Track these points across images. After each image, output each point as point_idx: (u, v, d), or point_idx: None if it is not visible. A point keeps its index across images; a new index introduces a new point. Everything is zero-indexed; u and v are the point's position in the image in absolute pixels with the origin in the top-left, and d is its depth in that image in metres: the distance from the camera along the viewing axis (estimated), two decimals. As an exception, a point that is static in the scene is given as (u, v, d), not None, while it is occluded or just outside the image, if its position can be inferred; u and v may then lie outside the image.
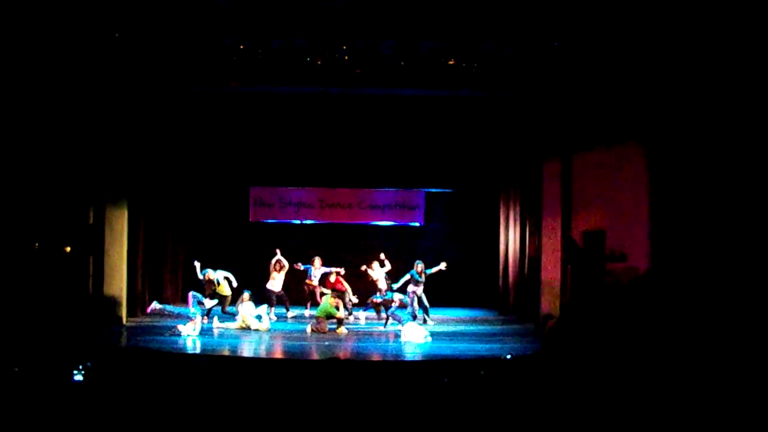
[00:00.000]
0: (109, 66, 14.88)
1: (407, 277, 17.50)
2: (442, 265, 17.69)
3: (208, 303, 16.30)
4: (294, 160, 20.30)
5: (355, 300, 17.91)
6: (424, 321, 17.42)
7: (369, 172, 20.65)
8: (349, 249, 20.65)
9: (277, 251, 17.91)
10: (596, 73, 13.85)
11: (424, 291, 17.67)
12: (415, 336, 15.02)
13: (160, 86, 16.63)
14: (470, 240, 21.49)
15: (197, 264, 17.02)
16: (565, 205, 15.45)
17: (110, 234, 16.17)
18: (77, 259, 14.39)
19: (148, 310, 15.91)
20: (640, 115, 12.48)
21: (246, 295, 16.44)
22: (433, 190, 21.09)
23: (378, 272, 17.96)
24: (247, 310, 16.29)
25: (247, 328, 16.14)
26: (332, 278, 17.96)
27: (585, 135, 14.74)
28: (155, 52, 14.81)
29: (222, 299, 16.95)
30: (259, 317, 16.43)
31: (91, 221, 15.35)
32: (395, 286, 17.25)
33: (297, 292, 18.81)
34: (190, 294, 15.76)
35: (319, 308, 16.36)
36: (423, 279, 17.51)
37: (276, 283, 17.73)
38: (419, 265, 17.59)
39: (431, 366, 12.63)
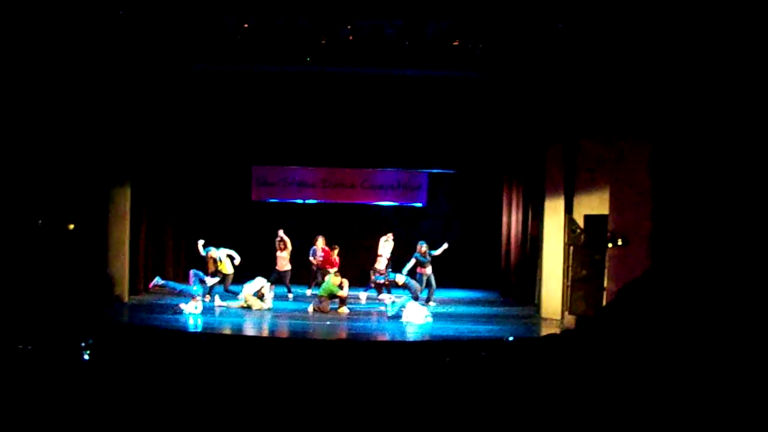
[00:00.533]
0: (111, 45, 14.88)
1: (413, 260, 17.56)
2: (445, 245, 17.76)
3: (210, 281, 16.36)
4: (297, 140, 20.24)
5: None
6: (427, 301, 17.49)
7: (372, 152, 20.58)
8: (351, 228, 20.69)
9: (280, 231, 17.95)
10: (604, 60, 13.83)
11: (433, 271, 17.76)
12: (416, 316, 15.10)
13: (164, 65, 16.65)
14: (472, 221, 21.54)
15: (200, 242, 17.07)
16: (567, 188, 15.47)
17: (113, 212, 16.23)
18: (80, 237, 14.41)
19: (151, 285, 15.98)
20: (645, 104, 12.49)
21: (263, 282, 16.53)
22: (436, 171, 21.05)
23: (385, 247, 17.99)
24: (250, 288, 16.37)
25: (249, 307, 16.22)
26: (334, 256, 18.09)
27: (590, 121, 14.74)
28: (159, 31, 14.80)
29: (224, 277, 17.02)
30: (260, 296, 16.50)
31: (95, 200, 15.38)
32: (404, 270, 17.32)
33: (301, 272, 18.84)
34: (192, 272, 15.83)
35: (322, 287, 16.42)
36: (429, 259, 17.59)
37: (282, 262, 17.78)
38: (422, 246, 17.65)
39: (432, 346, 12.72)
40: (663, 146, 12.01)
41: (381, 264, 18.05)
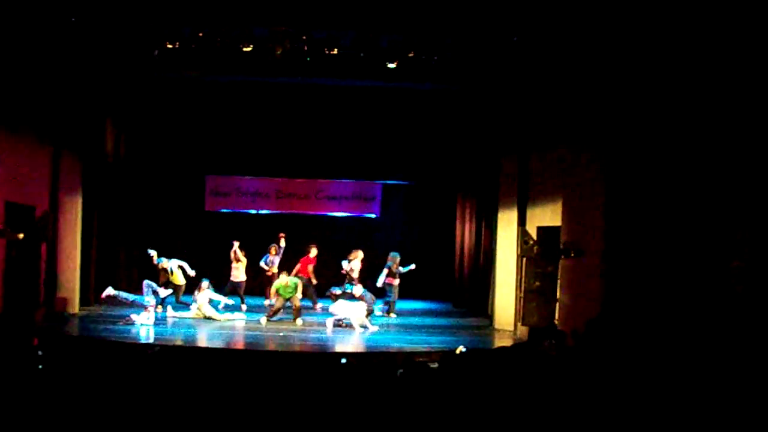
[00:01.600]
0: (68, 48, 14.75)
1: (385, 271, 17.61)
2: (413, 266, 17.89)
3: (163, 292, 16.20)
4: (251, 150, 20.26)
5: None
6: (388, 312, 17.56)
7: (326, 163, 20.66)
8: (305, 239, 20.61)
9: (235, 244, 17.79)
10: (555, 73, 13.97)
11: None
12: (354, 311, 15.22)
13: (120, 72, 16.54)
14: (426, 233, 21.61)
15: (153, 252, 16.92)
16: (521, 200, 15.58)
17: (63, 222, 16.02)
18: (29, 247, 14.21)
19: (103, 295, 15.75)
20: (594, 117, 12.63)
21: (204, 283, 16.43)
22: (391, 182, 21.17)
23: (356, 264, 17.92)
24: (203, 298, 16.27)
25: (203, 318, 16.13)
26: (306, 265, 18.03)
27: (542, 134, 14.86)
28: (114, 38, 14.72)
29: (176, 288, 16.90)
30: (216, 305, 16.42)
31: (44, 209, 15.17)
32: (378, 283, 17.50)
33: (260, 283, 18.78)
34: (145, 282, 15.68)
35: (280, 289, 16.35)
36: (399, 271, 17.63)
37: (236, 273, 17.64)
38: (397, 258, 17.71)
39: (384, 358, 12.70)
40: (613, 158, 12.13)
41: (355, 275, 18.00)
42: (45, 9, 13.44)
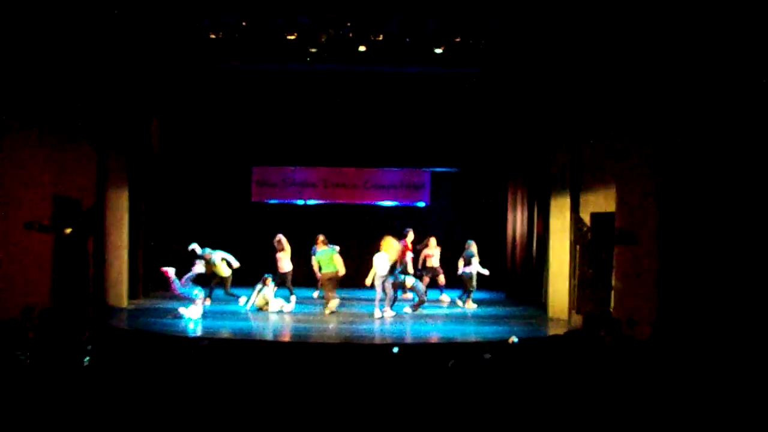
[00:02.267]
0: (110, 44, 14.93)
1: (467, 259, 17.73)
2: (486, 272, 17.94)
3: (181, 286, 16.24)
4: (297, 139, 20.27)
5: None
6: (465, 303, 17.76)
7: (374, 151, 20.58)
8: (353, 229, 20.69)
9: (279, 235, 17.80)
10: (609, 58, 13.83)
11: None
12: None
13: (162, 65, 16.71)
14: (477, 221, 21.46)
15: (194, 245, 16.98)
16: (573, 186, 15.48)
17: (111, 216, 16.25)
18: (77, 242, 14.45)
19: (163, 269, 15.67)
20: (647, 103, 12.53)
21: (268, 279, 16.66)
22: (440, 169, 21.08)
23: (434, 249, 18.06)
24: (269, 292, 16.64)
25: (264, 309, 16.55)
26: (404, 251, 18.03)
27: (596, 119, 14.75)
28: (157, 29, 14.84)
29: (223, 280, 17.01)
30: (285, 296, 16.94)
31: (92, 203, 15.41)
32: (468, 270, 17.60)
33: (307, 274, 18.88)
34: (187, 276, 15.69)
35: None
36: (470, 255, 17.75)
37: (281, 264, 17.64)
38: (473, 245, 17.77)
39: (436, 349, 12.71)
40: (666, 144, 12.02)
41: (435, 262, 18.18)
42: (87, 6, 13.58)
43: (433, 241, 18.43)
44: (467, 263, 17.63)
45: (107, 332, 12.15)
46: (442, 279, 18.43)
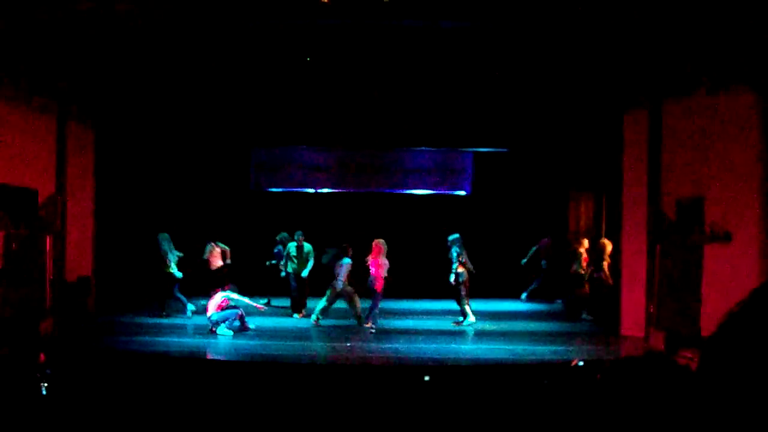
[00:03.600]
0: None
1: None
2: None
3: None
4: (307, 114, 20.18)
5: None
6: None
7: (402, 127, 20.44)
8: (375, 225, 20.63)
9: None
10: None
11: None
12: None
13: (138, 13, 16.65)
14: (529, 213, 21.50)
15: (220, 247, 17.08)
16: (652, 168, 15.29)
17: (75, 208, 16.14)
18: (33, 241, 14.42)
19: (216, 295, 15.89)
20: (754, 52, 12.28)
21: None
22: (484, 150, 20.98)
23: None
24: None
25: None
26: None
27: (679, 77, 14.54)
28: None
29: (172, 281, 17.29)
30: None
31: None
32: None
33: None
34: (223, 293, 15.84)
35: None
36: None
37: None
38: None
39: (482, 372, 12.66)
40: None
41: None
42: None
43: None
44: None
45: (70, 353, 12.15)
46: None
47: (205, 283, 17.37)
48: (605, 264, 17.20)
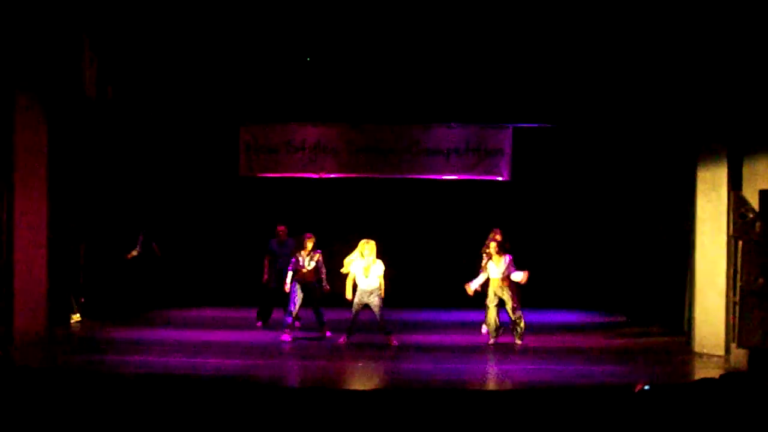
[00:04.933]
0: None
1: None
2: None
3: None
4: (308, 83, 20.19)
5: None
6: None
7: (425, 99, 20.43)
8: (392, 217, 20.59)
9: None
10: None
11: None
12: None
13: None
14: (580, 203, 21.53)
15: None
16: (733, 149, 15.27)
17: (22, 199, 16.11)
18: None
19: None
20: None
21: None
22: (527, 125, 20.95)
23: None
24: None
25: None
26: None
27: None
28: None
29: None
30: None
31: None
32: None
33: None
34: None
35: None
36: None
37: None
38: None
39: (524, 397, 12.61)
40: None
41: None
42: None
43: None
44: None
45: (14, 374, 12.15)
46: None
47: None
48: None
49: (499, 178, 21.47)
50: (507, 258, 16.58)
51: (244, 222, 21.10)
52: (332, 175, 21.53)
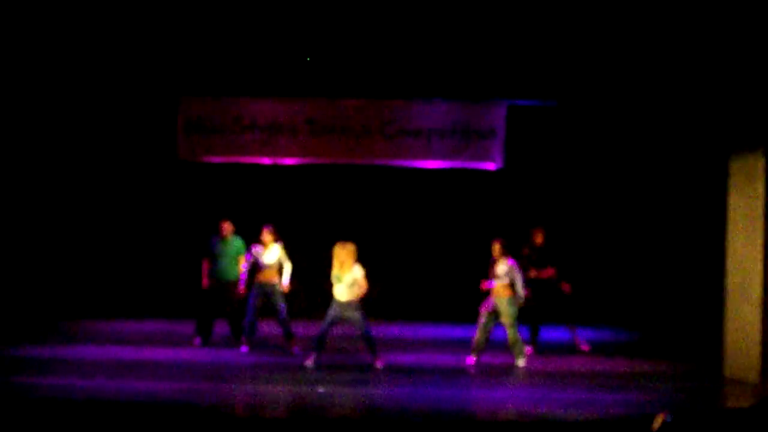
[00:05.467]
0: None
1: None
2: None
3: None
4: (261, 49, 20.06)
5: None
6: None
7: (402, 70, 20.35)
8: (364, 213, 20.59)
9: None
10: None
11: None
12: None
13: None
14: (588, 197, 21.48)
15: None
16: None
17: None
18: None
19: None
20: None
21: None
22: (523, 102, 20.88)
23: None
24: None
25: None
26: None
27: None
28: None
29: None
30: None
31: None
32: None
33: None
34: None
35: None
36: None
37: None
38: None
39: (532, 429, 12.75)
40: None
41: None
42: None
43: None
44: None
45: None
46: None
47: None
48: None
49: (491, 166, 21.35)
50: (508, 262, 16.50)
51: (181, 216, 21.07)
52: (290, 161, 21.42)
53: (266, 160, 21.44)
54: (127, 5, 18.84)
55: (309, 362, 16.32)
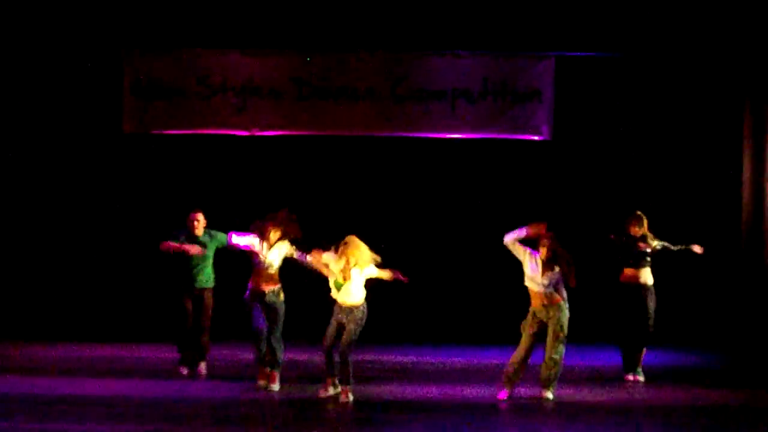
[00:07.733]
0: None
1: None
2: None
3: None
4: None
5: None
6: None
7: (417, 14, 20.00)
8: (368, 198, 20.32)
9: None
10: None
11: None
12: None
13: None
14: (660, 179, 21.01)
15: None
16: None
17: None
18: None
19: None
20: None
21: None
22: (573, 54, 20.34)
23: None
24: None
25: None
26: None
27: None
28: None
29: None
30: None
31: None
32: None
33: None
34: None
35: None
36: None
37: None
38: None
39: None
40: None
41: None
42: None
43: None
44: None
45: None
46: None
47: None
48: None
49: (536, 137, 20.87)
50: (557, 268, 15.89)
51: (131, 207, 20.77)
52: (271, 133, 21.02)
53: (239, 132, 21.03)
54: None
55: (343, 397, 15.57)
